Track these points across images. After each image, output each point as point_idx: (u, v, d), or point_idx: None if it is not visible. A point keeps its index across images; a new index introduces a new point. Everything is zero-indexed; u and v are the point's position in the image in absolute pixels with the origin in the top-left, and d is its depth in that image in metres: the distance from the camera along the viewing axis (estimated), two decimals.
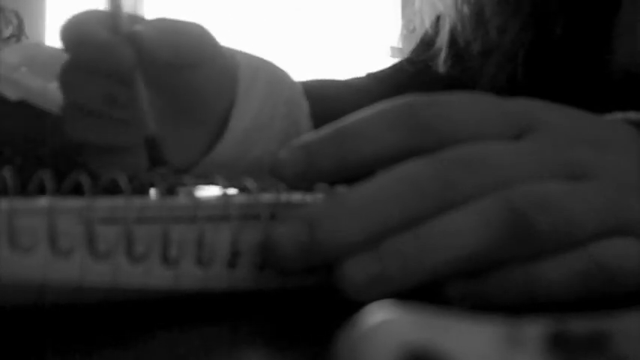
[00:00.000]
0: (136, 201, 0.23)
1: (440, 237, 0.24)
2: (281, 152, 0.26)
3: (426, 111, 0.26)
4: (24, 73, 0.56)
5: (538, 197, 0.24)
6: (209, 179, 0.27)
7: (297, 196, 0.26)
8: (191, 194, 0.24)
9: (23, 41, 1.85)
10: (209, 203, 0.24)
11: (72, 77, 0.41)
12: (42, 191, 0.22)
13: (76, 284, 0.22)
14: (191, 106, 0.45)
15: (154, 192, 0.25)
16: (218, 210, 0.24)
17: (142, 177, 0.23)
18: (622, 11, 0.50)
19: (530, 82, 0.53)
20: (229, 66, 0.47)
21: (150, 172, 0.22)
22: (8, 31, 1.82)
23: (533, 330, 0.14)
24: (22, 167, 0.50)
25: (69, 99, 0.42)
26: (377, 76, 0.64)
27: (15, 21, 1.85)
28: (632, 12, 0.50)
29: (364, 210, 0.24)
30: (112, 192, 0.23)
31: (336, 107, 0.39)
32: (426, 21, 0.62)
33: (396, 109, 0.26)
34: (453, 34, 0.58)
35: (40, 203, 0.22)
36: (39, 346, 0.20)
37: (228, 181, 0.25)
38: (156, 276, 0.23)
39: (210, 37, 0.44)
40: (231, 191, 0.25)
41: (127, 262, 0.23)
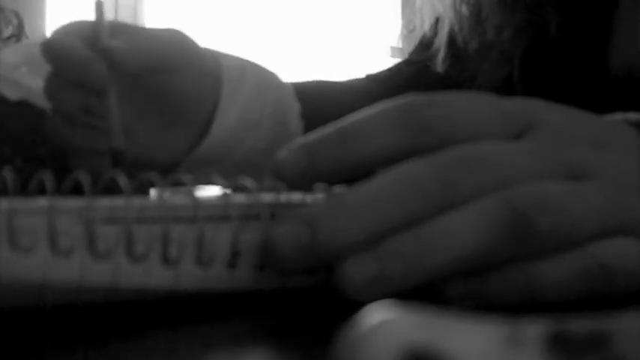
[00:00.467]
0: (136, 201, 0.23)
1: (440, 237, 0.23)
2: (281, 152, 0.26)
3: (426, 111, 0.26)
4: (24, 73, 0.56)
5: (538, 197, 0.24)
6: (209, 179, 0.27)
7: (297, 196, 0.26)
8: (191, 194, 0.24)
9: (23, 41, 1.85)
10: (209, 203, 0.24)
11: (54, 88, 0.46)
12: (42, 191, 0.22)
13: (76, 284, 0.22)
14: (174, 108, 0.48)
15: (154, 192, 0.25)
16: (218, 210, 0.24)
17: (142, 177, 0.23)
18: (620, 10, 0.50)
19: (528, 82, 0.53)
20: (211, 68, 0.49)
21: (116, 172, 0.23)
22: (8, 31, 1.82)
23: (533, 330, 0.14)
24: (22, 167, 0.50)
25: (52, 107, 0.46)
26: (376, 77, 0.64)
27: (15, 21, 1.85)
28: (631, 11, 0.50)
29: (364, 210, 0.24)
30: (112, 192, 0.23)
31: (334, 108, 0.39)
32: (425, 22, 0.62)
33: (396, 108, 0.26)
34: (451, 34, 0.58)
35: (40, 203, 0.22)
36: (39, 346, 0.20)
37: (228, 181, 0.25)
38: (156, 276, 0.23)
39: (189, 42, 0.48)
40: (231, 191, 0.25)
41: (127, 262, 0.23)
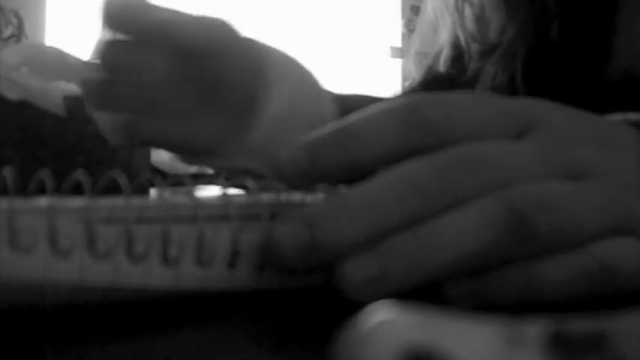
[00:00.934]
0: (136, 201, 0.23)
1: (440, 237, 0.23)
2: (282, 151, 0.26)
3: (427, 110, 0.26)
4: (24, 73, 0.56)
5: (538, 197, 0.24)
6: (208, 178, 0.27)
7: (297, 196, 0.26)
8: (191, 194, 0.24)
9: (23, 41, 1.85)
10: (209, 203, 0.24)
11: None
12: (42, 191, 0.22)
13: (76, 284, 0.22)
14: (217, 92, 0.48)
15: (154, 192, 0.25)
16: (218, 210, 0.24)
17: (142, 177, 0.23)
18: (621, 12, 0.50)
19: (529, 83, 0.53)
20: (252, 55, 0.49)
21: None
22: (8, 31, 1.82)
23: (533, 330, 0.14)
24: (22, 167, 0.50)
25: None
26: (414, 90, 0.64)
27: (15, 21, 1.85)
28: (632, 12, 0.50)
29: (364, 210, 0.24)
30: (112, 192, 0.23)
31: None
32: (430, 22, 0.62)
33: (397, 108, 0.26)
34: (454, 34, 0.58)
35: (40, 203, 0.22)
36: (39, 346, 0.20)
37: (228, 180, 0.25)
38: (156, 276, 0.23)
39: (232, 27, 0.48)
40: (231, 191, 0.25)
41: (127, 262, 0.23)
